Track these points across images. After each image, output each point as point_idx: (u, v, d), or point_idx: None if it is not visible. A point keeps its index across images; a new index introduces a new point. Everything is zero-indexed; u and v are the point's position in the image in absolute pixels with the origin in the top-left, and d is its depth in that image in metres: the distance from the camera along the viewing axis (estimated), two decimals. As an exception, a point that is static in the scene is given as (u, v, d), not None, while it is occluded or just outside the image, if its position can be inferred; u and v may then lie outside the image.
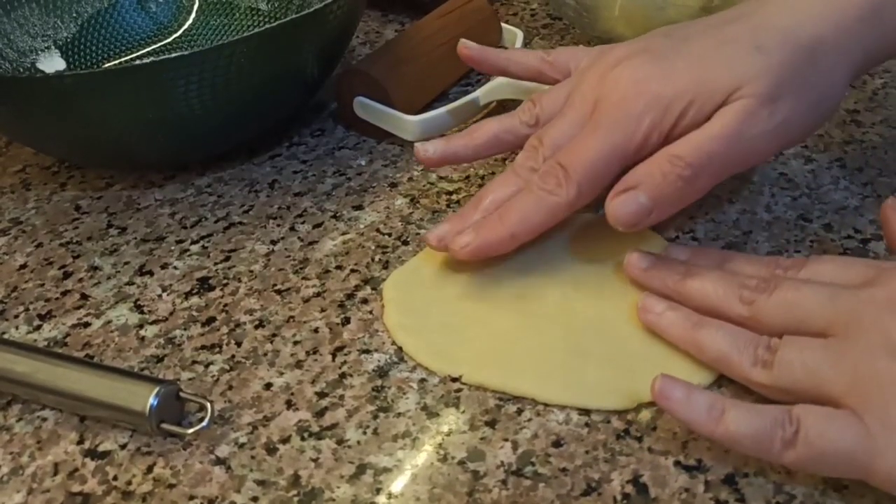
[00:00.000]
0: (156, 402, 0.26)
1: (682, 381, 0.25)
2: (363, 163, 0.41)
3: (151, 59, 0.47)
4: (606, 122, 0.30)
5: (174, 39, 0.50)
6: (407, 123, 0.41)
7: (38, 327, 0.33)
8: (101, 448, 0.27)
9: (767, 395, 0.25)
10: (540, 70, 0.36)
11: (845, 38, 0.29)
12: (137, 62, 0.48)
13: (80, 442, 0.27)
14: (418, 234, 0.36)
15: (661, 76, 0.29)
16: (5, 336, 0.32)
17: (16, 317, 0.33)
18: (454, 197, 0.38)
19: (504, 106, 0.44)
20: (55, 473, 0.26)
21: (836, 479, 0.24)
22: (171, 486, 0.26)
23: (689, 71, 0.29)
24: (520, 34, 0.47)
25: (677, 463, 0.25)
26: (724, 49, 0.29)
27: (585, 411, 0.27)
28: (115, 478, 0.26)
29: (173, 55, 0.35)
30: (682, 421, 0.25)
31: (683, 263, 0.30)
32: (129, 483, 0.26)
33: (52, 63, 0.47)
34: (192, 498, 0.25)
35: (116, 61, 0.48)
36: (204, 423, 0.26)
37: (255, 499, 0.25)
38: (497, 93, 0.43)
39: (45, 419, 0.28)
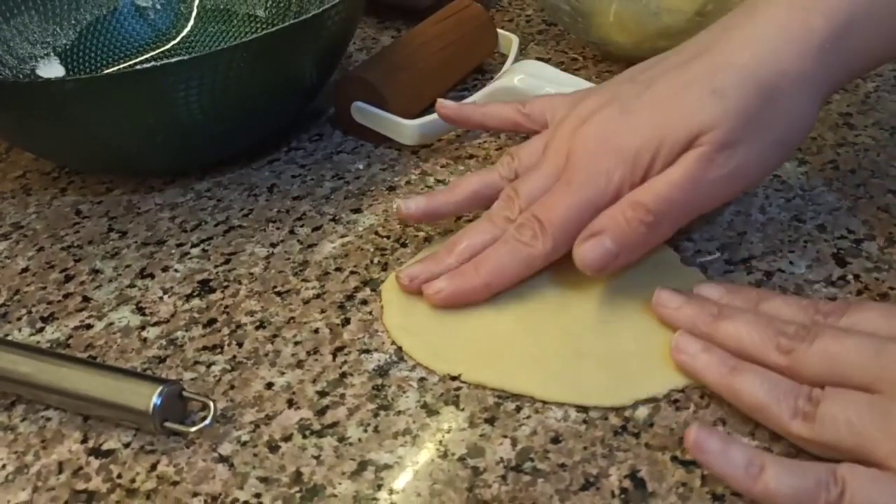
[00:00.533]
0: (159, 402, 0.27)
1: (718, 431, 0.25)
2: (361, 167, 0.42)
3: (151, 64, 0.48)
4: (579, 178, 0.31)
5: (172, 46, 0.50)
6: (404, 127, 0.41)
7: (41, 329, 0.33)
8: (104, 447, 0.28)
9: (805, 448, 0.25)
10: (517, 122, 0.37)
11: (809, 69, 0.29)
12: (137, 68, 0.48)
13: (84, 441, 0.28)
14: (416, 236, 0.36)
15: (626, 130, 0.30)
16: (9, 338, 0.33)
17: (18, 319, 0.34)
18: (451, 200, 0.38)
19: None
20: (60, 472, 0.27)
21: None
22: (175, 483, 0.26)
23: (651, 120, 0.30)
24: (515, 40, 0.48)
25: (674, 458, 0.26)
26: (685, 94, 0.30)
27: (583, 408, 0.28)
28: (119, 476, 0.27)
29: (172, 60, 0.36)
30: (718, 475, 0.24)
31: (716, 304, 0.29)
32: (132, 481, 0.26)
33: (52, 70, 0.48)
34: (195, 495, 0.26)
35: (115, 68, 0.49)
36: (207, 422, 0.27)
37: (258, 495, 0.26)
38: (493, 97, 0.43)
39: (49, 419, 0.29)
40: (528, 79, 0.42)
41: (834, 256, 0.33)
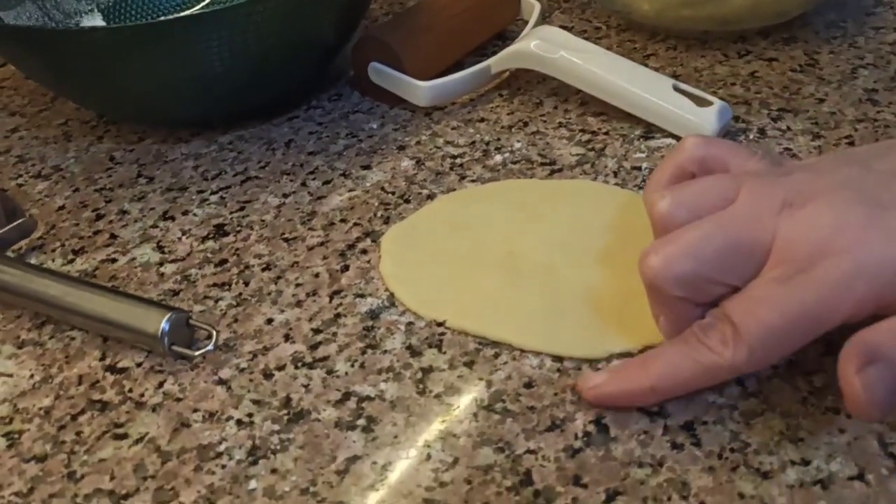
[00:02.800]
0: (167, 327, 0.30)
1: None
2: (375, 126, 0.44)
3: (175, 16, 0.51)
4: (800, 280, 0.23)
5: (207, 4, 0.53)
6: (418, 89, 0.44)
7: (72, 261, 0.37)
8: (120, 365, 0.31)
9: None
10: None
11: None
12: (162, 19, 0.51)
13: (103, 358, 0.32)
14: (420, 193, 0.39)
15: (877, 230, 0.23)
16: (43, 266, 0.37)
17: (53, 250, 0.38)
18: (458, 161, 0.41)
19: (515, 75, 0.46)
20: (79, 384, 0.31)
21: (792, 430, 0.26)
22: (178, 399, 0.30)
23: None
24: (537, 6, 0.50)
25: (640, 409, 0.27)
26: None
27: (559, 358, 0.30)
28: (130, 390, 0.30)
29: (196, 12, 0.39)
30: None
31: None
32: (141, 395, 0.30)
33: (95, 24, 0.51)
34: (195, 411, 0.29)
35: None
36: (210, 347, 0.30)
37: (250, 415, 0.29)
38: (509, 62, 0.45)
39: (73, 338, 0.33)
40: (543, 44, 0.44)
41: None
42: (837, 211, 0.24)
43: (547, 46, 0.44)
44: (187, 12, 0.53)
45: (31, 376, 0.31)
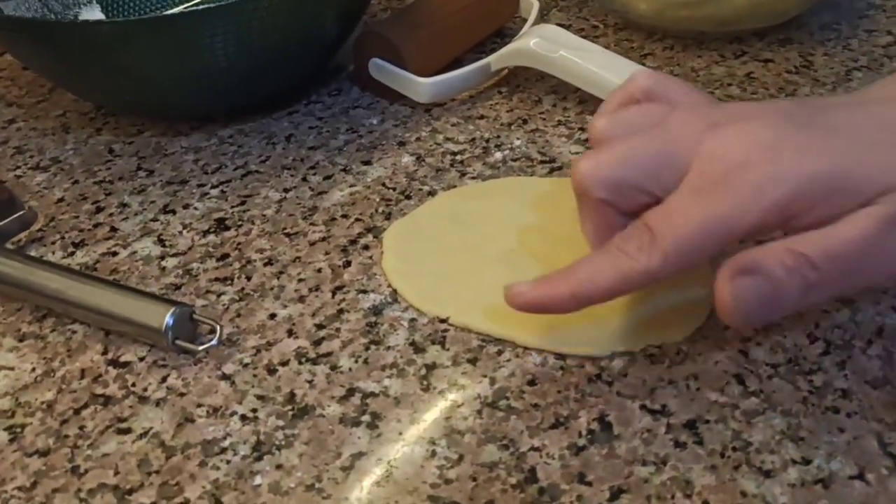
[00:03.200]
0: (171, 321, 0.30)
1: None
2: (375, 122, 0.44)
3: (178, 10, 0.50)
4: (718, 187, 0.24)
5: (207, -2, 0.53)
6: (418, 85, 0.43)
7: (72, 253, 0.36)
8: (122, 359, 0.31)
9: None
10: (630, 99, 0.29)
11: None
12: (165, 13, 0.51)
13: (105, 352, 0.31)
14: (421, 189, 0.38)
15: (799, 145, 0.23)
16: (43, 259, 0.36)
17: (53, 243, 0.37)
18: (458, 157, 0.40)
19: (514, 72, 0.46)
20: (82, 377, 0.30)
21: (792, 430, 0.26)
22: (182, 394, 0.29)
23: (832, 152, 0.23)
24: (536, 4, 0.49)
25: (643, 406, 0.27)
26: (877, 137, 0.24)
27: (562, 356, 0.29)
28: (133, 384, 0.30)
29: (199, 7, 0.38)
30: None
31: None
32: (145, 390, 0.29)
33: (93, 16, 0.50)
34: (199, 406, 0.29)
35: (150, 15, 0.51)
36: (213, 342, 0.30)
37: (254, 410, 0.28)
38: (509, 60, 0.45)
39: (74, 331, 0.32)
40: (543, 42, 0.44)
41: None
42: (756, 130, 0.24)
43: (547, 45, 0.43)
44: (191, 6, 0.52)
45: (33, 370, 0.31)
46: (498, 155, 0.40)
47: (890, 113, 0.25)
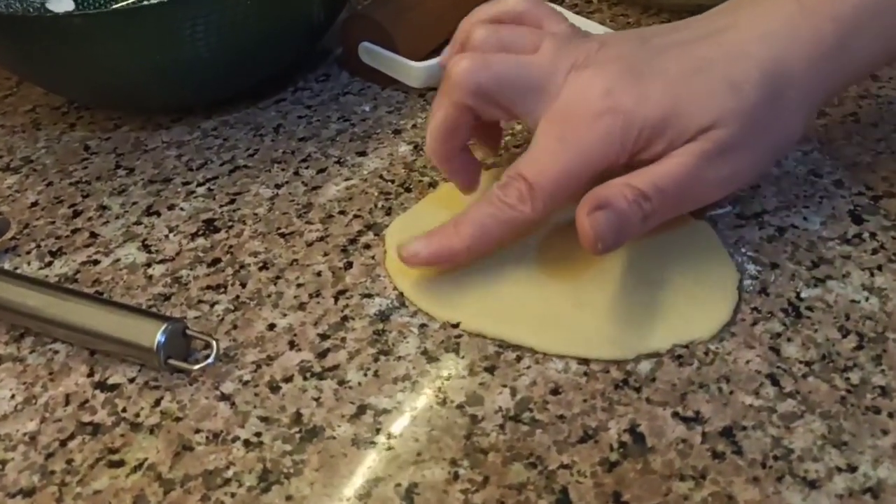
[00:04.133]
0: (163, 339, 0.26)
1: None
2: (367, 109, 0.40)
3: (158, 0, 0.46)
4: (576, 135, 0.27)
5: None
6: (412, 70, 0.39)
7: (50, 263, 0.32)
8: (110, 381, 0.27)
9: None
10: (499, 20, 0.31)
11: (812, 77, 0.27)
12: (144, 3, 0.46)
13: (91, 374, 0.28)
14: (421, 181, 0.35)
15: (636, 96, 0.27)
16: (18, 271, 0.32)
17: (28, 252, 0.33)
18: (457, 145, 0.37)
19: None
20: (66, 404, 0.27)
21: (834, 434, 0.24)
22: (178, 419, 0.26)
23: (663, 95, 0.27)
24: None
25: (675, 414, 0.25)
26: (699, 79, 0.27)
27: (584, 361, 0.27)
28: (123, 410, 0.26)
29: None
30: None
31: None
32: (137, 415, 0.26)
33: (62, 5, 0.45)
34: (197, 431, 0.25)
35: (125, 2, 0.47)
36: (210, 360, 0.26)
37: (258, 434, 0.25)
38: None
39: (56, 351, 0.29)
40: (539, 22, 0.40)
41: (850, 213, 0.31)
42: (606, 79, 0.27)
43: (543, 23, 0.40)
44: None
45: (13, 397, 0.27)
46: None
47: (704, 52, 0.27)
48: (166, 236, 0.33)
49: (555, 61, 0.28)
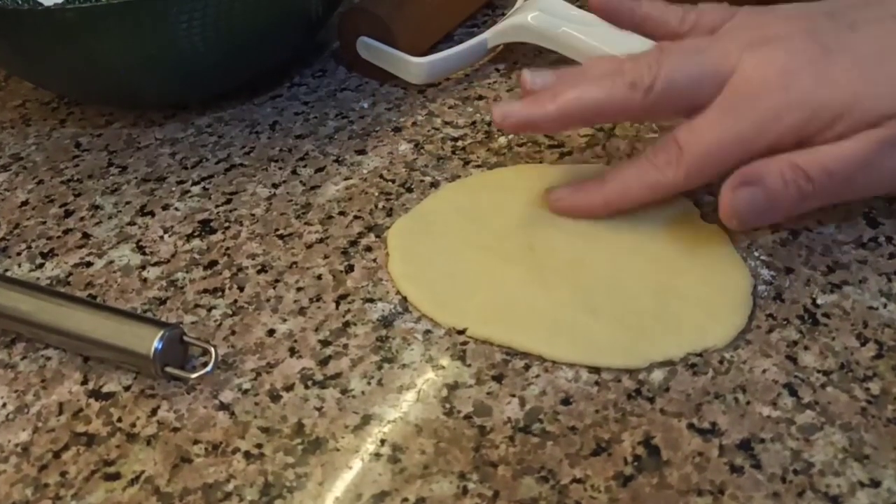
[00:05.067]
0: (160, 346, 0.25)
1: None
2: (366, 105, 0.39)
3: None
4: (740, 109, 0.26)
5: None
6: (412, 65, 0.38)
7: (41, 265, 0.31)
8: (105, 389, 0.26)
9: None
10: (677, 33, 0.30)
11: None
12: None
13: (85, 382, 0.26)
14: (423, 181, 0.34)
15: (816, 74, 0.25)
16: (8, 273, 0.31)
17: (18, 254, 0.32)
18: (460, 143, 0.36)
19: (511, 48, 0.41)
20: (60, 413, 0.26)
21: (855, 446, 0.23)
22: (176, 429, 0.25)
23: (849, 75, 0.25)
24: (530, -24, 0.44)
25: (690, 426, 0.24)
26: (893, 62, 0.25)
27: (595, 369, 0.26)
28: (119, 419, 0.25)
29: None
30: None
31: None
32: (133, 425, 0.25)
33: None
34: (196, 442, 0.24)
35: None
36: (208, 369, 0.25)
37: (258, 445, 0.24)
38: (506, 35, 0.40)
39: (49, 358, 0.27)
40: (542, 16, 0.39)
41: (865, 216, 0.30)
42: (790, 55, 0.26)
43: (547, 19, 0.39)
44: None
45: (4, 405, 0.26)
46: (502, 140, 0.36)
47: None
48: (161, 237, 0.32)
49: (733, 41, 0.27)
